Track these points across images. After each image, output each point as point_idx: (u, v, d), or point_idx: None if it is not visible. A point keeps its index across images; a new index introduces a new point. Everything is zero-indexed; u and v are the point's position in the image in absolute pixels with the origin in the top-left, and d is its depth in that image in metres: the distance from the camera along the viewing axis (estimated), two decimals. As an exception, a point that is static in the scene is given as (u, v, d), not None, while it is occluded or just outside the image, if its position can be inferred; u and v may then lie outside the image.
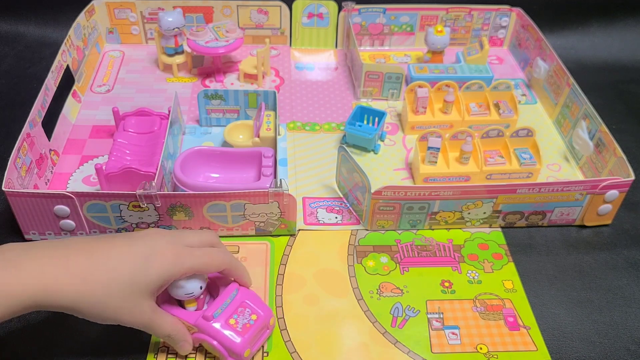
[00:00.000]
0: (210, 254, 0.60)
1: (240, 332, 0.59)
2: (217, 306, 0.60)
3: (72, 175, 0.83)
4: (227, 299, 0.61)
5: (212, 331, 0.59)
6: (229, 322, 0.60)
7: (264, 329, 0.62)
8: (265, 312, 0.62)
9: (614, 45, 1.18)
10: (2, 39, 1.13)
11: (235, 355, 0.59)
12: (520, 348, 0.65)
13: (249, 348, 0.60)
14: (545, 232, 0.79)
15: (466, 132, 0.84)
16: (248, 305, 0.62)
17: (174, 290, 0.59)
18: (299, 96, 1.01)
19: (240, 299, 0.62)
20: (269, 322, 0.63)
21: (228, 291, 0.62)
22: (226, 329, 0.59)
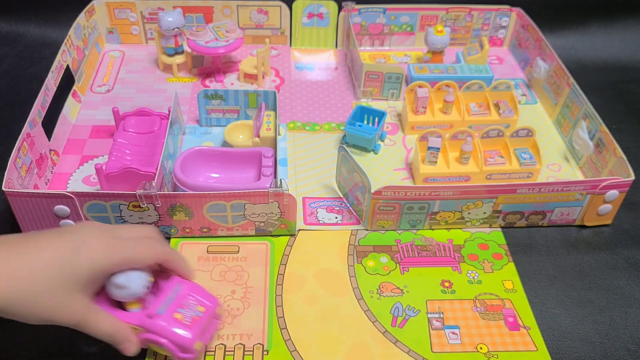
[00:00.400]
0: (144, 245, 0.58)
1: (189, 326, 0.58)
2: (160, 302, 0.58)
3: (72, 175, 0.83)
4: (169, 294, 0.59)
5: (158, 329, 0.57)
6: (175, 317, 0.58)
7: (212, 319, 0.61)
8: (212, 302, 0.61)
9: (614, 45, 1.18)
10: (2, 39, 1.13)
11: (187, 350, 0.57)
12: (520, 348, 0.65)
13: (199, 340, 0.58)
14: (545, 232, 0.79)
15: (466, 132, 0.84)
16: (193, 297, 0.60)
17: (116, 292, 0.57)
18: (299, 96, 1.01)
19: (185, 293, 0.60)
20: (216, 311, 0.61)
21: (170, 286, 0.60)
22: (173, 325, 0.57)
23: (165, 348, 0.58)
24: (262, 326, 0.66)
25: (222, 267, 0.72)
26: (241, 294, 0.70)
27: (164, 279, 0.62)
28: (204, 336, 0.60)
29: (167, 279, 0.61)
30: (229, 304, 0.68)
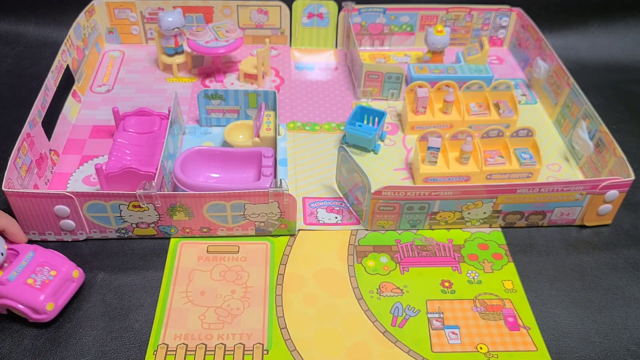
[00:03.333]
0: None
1: (40, 289, 0.63)
2: (12, 270, 0.64)
3: (72, 175, 0.83)
4: (22, 261, 0.64)
5: (9, 294, 0.62)
6: (27, 282, 0.63)
7: (67, 282, 0.66)
8: (66, 266, 0.66)
9: (614, 45, 1.18)
10: (2, 39, 1.13)
11: (39, 310, 0.63)
12: (520, 348, 0.65)
13: (51, 302, 0.63)
14: (545, 232, 0.79)
15: (466, 132, 0.84)
16: (47, 263, 0.66)
17: None
18: (299, 96, 1.01)
19: (38, 260, 0.66)
20: (71, 275, 0.66)
21: (22, 254, 0.66)
22: (23, 290, 0.63)
23: (20, 311, 0.63)
24: (262, 326, 0.66)
25: (222, 267, 0.72)
26: (241, 293, 0.70)
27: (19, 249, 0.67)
28: (58, 298, 0.65)
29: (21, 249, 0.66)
30: (229, 303, 0.68)
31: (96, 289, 0.69)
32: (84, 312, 0.67)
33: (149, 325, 0.66)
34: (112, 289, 0.69)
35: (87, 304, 0.68)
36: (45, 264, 0.66)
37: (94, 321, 0.66)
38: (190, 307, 0.68)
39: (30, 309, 0.63)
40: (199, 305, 0.68)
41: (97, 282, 0.70)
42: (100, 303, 0.68)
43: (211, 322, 0.66)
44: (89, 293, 0.69)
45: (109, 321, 0.66)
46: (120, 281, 0.70)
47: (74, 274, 0.67)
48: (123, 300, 0.68)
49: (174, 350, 0.63)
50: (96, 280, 0.70)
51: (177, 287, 0.70)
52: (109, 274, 0.71)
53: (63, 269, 0.66)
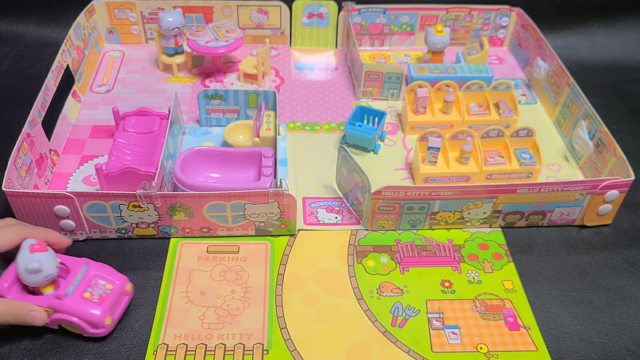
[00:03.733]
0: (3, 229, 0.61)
1: (98, 303, 0.62)
2: (69, 283, 0.62)
3: (72, 175, 0.83)
4: (77, 275, 0.63)
5: (68, 308, 0.61)
6: (83, 296, 0.62)
7: (121, 296, 0.65)
8: (120, 280, 0.64)
9: (614, 45, 1.18)
10: (2, 39, 1.13)
11: (97, 325, 0.62)
12: (520, 348, 0.65)
13: (109, 316, 0.62)
14: (545, 232, 0.79)
15: (466, 132, 0.84)
16: (101, 276, 0.64)
17: (33, 277, 0.60)
18: (299, 96, 1.01)
19: (92, 273, 0.64)
20: (125, 288, 0.65)
21: (77, 268, 0.64)
22: (82, 304, 0.61)
23: (77, 326, 0.62)
24: (262, 326, 0.66)
25: (222, 267, 0.72)
26: (241, 293, 0.70)
27: (72, 262, 0.65)
28: (114, 312, 0.64)
29: (75, 263, 0.65)
30: (229, 303, 0.68)
31: (96, 289, 0.69)
32: (84, 312, 0.67)
33: (149, 325, 0.66)
34: (112, 289, 0.69)
35: (87, 304, 0.67)
36: (100, 277, 0.64)
37: (94, 321, 0.66)
38: (190, 307, 0.68)
39: (88, 323, 0.62)
40: (199, 305, 0.68)
41: (97, 282, 0.70)
42: (100, 303, 0.68)
43: (211, 322, 0.66)
44: (89, 293, 0.69)
45: (109, 321, 0.66)
46: (120, 281, 0.70)
47: (127, 287, 0.66)
48: (123, 300, 0.68)
49: (174, 351, 0.63)
50: (96, 280, 0.70)
51: (177, 287, 0.70)
52: (109, 274, 0.71)
53: (117, 282, 0.64)
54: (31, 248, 0.60)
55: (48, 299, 0.61)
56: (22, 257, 0.61)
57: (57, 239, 0.67)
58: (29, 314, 0.60)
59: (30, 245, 0.61)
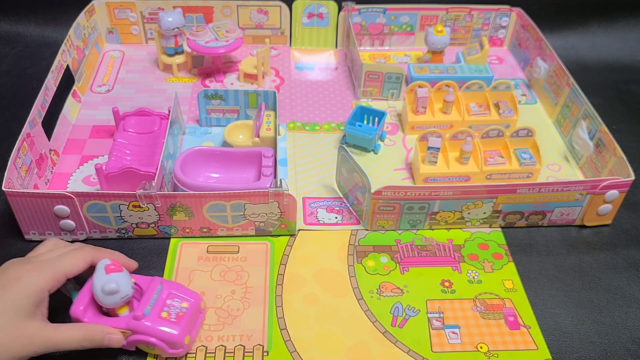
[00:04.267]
0: (68, 255, 0.59)
1: (176, 322, 0.60)
2: (146, 303, 0.60)
3: (72, 175, 0.83)
4: (153, 294, 0.61)
5: (146, 329, 0.59)
6: (161, 315, 0.60)
7: (197, 313, 0.63)
8: (194, 297, 0.63)
9: (614, 45, 1.18)
10: (2, 39, 1.13)
11: (176, 345, 0.60)
12: (521, 347, 0.65)
13: (187, 335, 0.61)
14: (545, 232, 0.79)
15: (466, 132, 0.84)
16: (176, 295, 0.62)
17: (110, 298, 0.58)
18: (299, 96, 1.01)
19: (167, 291, 0.62)
20: (199, 306, 0.63)
21: (152, 287, 0.61)
22: (160, 324, 0.59)
23: (155, 346, 0.60)
24: (262, 327, 0.66)
25: (222, 267, 0.72)
26: (241, 294, 0.70)
27: (145, 281, 0.63)
28: (191, 330, 0.62)
29: (148, 282, 0.62)
30: (229, 304, 0.68)
31: (96, 289, 0.69)
32: (84, 312, 0.67)
33: (149, 325, 0.66)
34: (112, 289, 0.69)
35: (87, 304, 0.67)
36: (175, 296, 0.62)
37: (94, 321, 0.66)
38: (190, 307, 0.68)
39: (167, 343, 0.59)
40: (199, 305, 0.68)
41: (97, 282, 0.70)
42: (100, 303, 0.68)
43: (211, 324, 0.66)
44: (89, 293, 0.69)
45: (109, 321, 0.66)
46: (120, 281, 0.70)
47: (202, 304, 0.64)
48: (123, 300, 0.68)
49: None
50: (96, 280, 0.70)
51: (177, 287, 0.70)
52: (109, 274, 0.71)
53: (192, 299, 0.62)
54: (106, 269, 0.58)
55: (125, 320, 0.59)
56: (98, 278, 0.58)
57: (125, 261, 0.64)
58: (105, 337, 0.58)
59: (105, 266, 0.59)
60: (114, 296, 0.58)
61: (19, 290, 0.55)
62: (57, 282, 0.57)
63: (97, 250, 0.62)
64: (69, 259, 0.59)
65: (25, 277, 0.56)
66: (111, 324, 0.59)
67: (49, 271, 0.57)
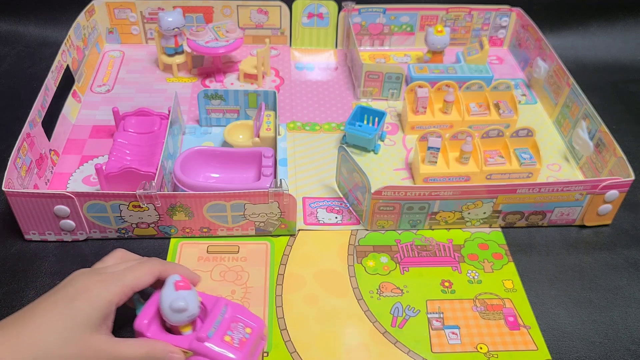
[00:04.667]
0: (135, 269, 0.58)
1: (238, 348, 0.57)
2: (210, 325, 0.57)
3: (72, 175, 0.83)
4: (218, 316, 0.58)
5: (209, 352, 0.56)
6: (224, 339, 0.57)
7: (259, 340, 0.60)
8: (257, 323, 0.60)
9: (614, 45, 1.18)
10: (2, 39, 1.13)
11: None
12: (521, 347, 0.65)
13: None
14: (545, 232, 0.79)
15: (466, 132, 0.84)
16: (240, 319, 0.59)
17: (178, 316, 0.56)
18: (299, 96, 1.01)
19: (232, 314, 0.59)
20: (262, 332, 0.61)
21: (218, 308, 0.58)
22: (223, 348, 0.56)
23: None
24: (262, 326, 0.66)
25: (222, 267, 0.72)
26: (241, 294, 0.70)
27: (210, 301, 0.60)
28: (253, 357, 0.59)
29: (214, 302, 0.60)
30: (229, 304, 0.68)
31: (96, 289, 0.69)
32: (84, 312, 0.66)
33: (149, 325, 0.66)
34: (112, 289, 0.69)
35: (87, 304, 0.67)
36: (239, 320, 0.58)
37: (94, 321, 0.66)
38: (190, 307, 0.68)
39: None
40: (199, 305, 0.68)
41: (97, 282, 0.70)
42: (100, 303, 0.68)
43: (211, 322, 0.66)
44: (89, 293, 0.69)
45: (109, 321, 0.66)
46: (120, 281, 0.70)
47: (265, 331, 0.61)
48: (123, 300, 0.68)
49: (174, 351, 0.63)
50: (96, 280, 0.70)
51: (177, 287, 0.70)
52: (109, 274, 0.71)
53: (255, 325, 0.59)
54: (176, 285, 0.56)
55: (188, 340, 0.56)
56: (166, 294, 0.56)
57: (190, 275, 0.63)
58: (167, 356, 0.55)
59: (175, 282, 0.56)
60: (181, 314, 0.56)
61: (88, 303, 0.53)
62: (125, 295, 0.56)
63: (164, 264, 0.60)
64: (137, 272, 0.57)
65: (94, 289, 0.54)
66: (174, 342, 0.56)
67: (118, 284, 0.55)
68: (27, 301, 0.67)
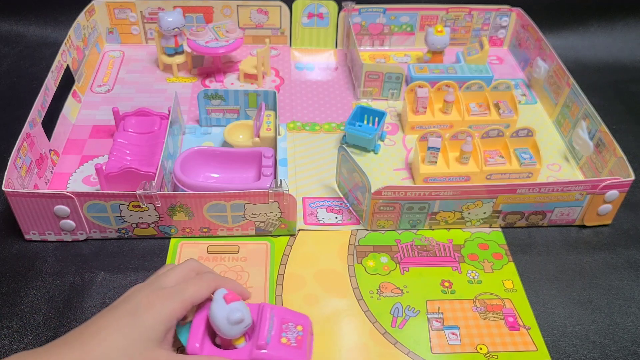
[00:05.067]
0: (193, 284, 0.57)
1: (297, 347, 0.57)
2: (265, 331, 0.57)
3: (72, 175, 0.83)
4: (268, 321, 0.58)
5: (272, 358, 0.56)
6: (282, 342, 0.57)
7: (310, 335, 0.61)
8: (305, 319, 0.60)
9: (614, 45, 1.18)
10: (2, 39, 1.13)
11: None
12: (520, 348, 0.65)
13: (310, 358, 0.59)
14: (545, 232, 0.79)
15: (466, 132, 0.84)
16: (287, 319, 0.59)
17: (235, 328, 0.55)
18: (299, 96, 1.01)
19: (280, 316, 0.59)
20: (311, 328, 0.61)
21: (265, 313, 0.58)
22: (284, 350, 0.56)
23: None
24: (262, 326, 0.66)
25: (222, 267, 0.72)
26: (241, 294, 0.70)
27: (254, 308, 0.60)
28: (310, 354, 0.60)
29: (257, 308, 0.60)
30: (229, 304, 0.68)
31: (96, 289, 0.69)
32: (84, 312, 0.67)
33: (149, 325, 0.66)
34: (112, 289, 0.69)
35: (87, 304, 0.67)
36: (288, 320, 0.59)
37: (94, 321, 0.66)
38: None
39: None
40: (199, 306, 0.68)
41: (97, 282, 0.70)
42: (100, 303, 0.68)
43: (211, 322, 0.66)
44: (89, 293, 0.69)
45: (109, 321, 0.66)
46: (120, 281, 0.70)
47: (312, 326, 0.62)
48: (123, 301, 0.68)
49: (174, 351, 0.63)
50: (96, 280, 0.70)
51: (177, 287, 0.70)
52: (109, 274, 0.71)
53: (305, 322, 0.60)
54: (226, 299, 0.56)
55: (247, 352, 0.56)
56: (219, 309, 0.55)
57: (241, 290, 0.61)
58: None
59: (224, 295, 0.56)
60: (239, 325, 0.55)
61: (152, 318, 0.53)
62: (185, 310, 0.56)
63: (220, 278, 0.60)
64: (195, 287, 0.57)
65: (157, 304, 0.54)
66: (234, 357, 0.56)
67: (179, 299, 0.55)
68: (27, 301, 0.67)
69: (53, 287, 0.69)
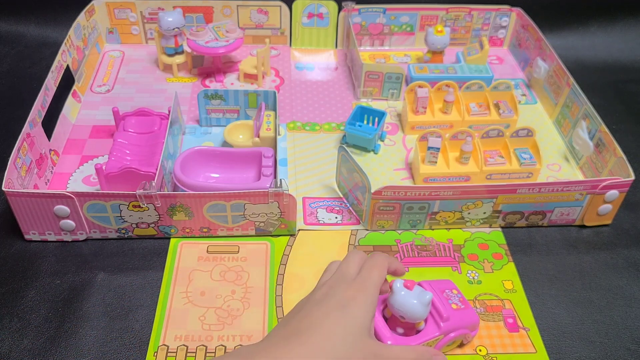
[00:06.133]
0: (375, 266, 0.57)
1: (466, 307, 0.63)
2: (444, 304, 0.61)
3: (72, 175, 0.83)
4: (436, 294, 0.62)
5: (459, 324, 0.61)
6: (453, 308, 0.62)
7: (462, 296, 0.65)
8: (449, 282, 0.66)
9: (614, 45, 1.18)
10: (2, 39, 1.13)
11: (477, 326, 0.64)
12: (520, 350, 0.65)
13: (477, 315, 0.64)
14: (545, 232, 0.79)
15: (466, 132, 0.84)
16: (441, 289, 0.63)
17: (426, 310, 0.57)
18: (299, 96, 1.01)
19: (435, 288, 0.63)
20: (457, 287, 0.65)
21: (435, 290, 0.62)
22: (464, 313, 0.62)
23: (461, 337, 0.63)
24: (262, 327, 0.66)
25: (222, 267, 0.72)
26: (241, 294, 0.70)
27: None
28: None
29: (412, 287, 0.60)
30: (229, 304, 0.68)
31: (96, 289, 0.69)
32: (84, 312, 0.67)
33: (149, 325, 0.66)
34: (112, 289, 0.69)
35: (87, 304, 0.68)
36: (442, 289, 0.63)
37: (94, 321, 0.66)
38: (191, 308, 0.68)
39: (474, 327, 0.63)
40: (199, 306, 0.68)
41: (97, 282, 0.70)
42: (100, 303, 0.68)
43: (211, 323, 0.66)
44: (89, 293, 0.69)
45: (109, 321, 0.66)
46: (120, 281, 0.70)
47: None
48: (123, 301, 0.68)
49: (174, 352, 0.63)
50: (96, 280, 0.70)
51: (177, 287, 0.70)
52: (109, 274, 0.71)
53: (452, 284, 0.65)
54: (405, 285, 0.58)
55: (436, 328, 0.59)
56: (406, 297, 0.57)
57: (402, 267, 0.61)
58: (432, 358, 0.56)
59: (402, 284, 0.58)
60: (429, 306, 0.58)
61: (359, 309, 0.53)
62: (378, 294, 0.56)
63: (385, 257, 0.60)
64: (376, 270, 0.57)
65: (359, 296, 0.54)
66: (429, 338, 0.59)
67: (372, 286, 0.55)
68: (27, 301, 0.67)
69: (53, 287, 0.69)
